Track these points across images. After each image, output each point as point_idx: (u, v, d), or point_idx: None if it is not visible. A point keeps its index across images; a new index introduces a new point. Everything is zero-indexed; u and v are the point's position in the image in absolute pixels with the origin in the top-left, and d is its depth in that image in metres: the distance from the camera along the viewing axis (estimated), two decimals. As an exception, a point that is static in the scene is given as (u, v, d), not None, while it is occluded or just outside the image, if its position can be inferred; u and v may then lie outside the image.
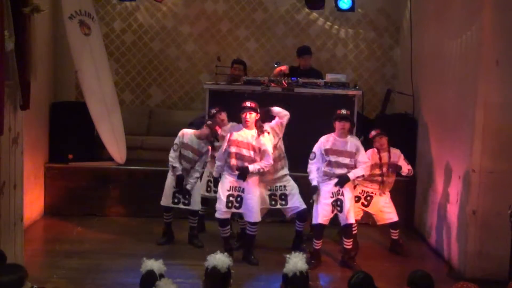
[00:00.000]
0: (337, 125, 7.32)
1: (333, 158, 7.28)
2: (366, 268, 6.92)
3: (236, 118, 7.75)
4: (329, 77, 9.12)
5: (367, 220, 8.35)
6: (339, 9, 10.25)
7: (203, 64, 10.88)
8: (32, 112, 6.95)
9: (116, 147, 9.27)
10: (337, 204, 7.27)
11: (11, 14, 5.62)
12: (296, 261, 4.65)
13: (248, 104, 7.23)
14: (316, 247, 7.39)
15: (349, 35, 10.94)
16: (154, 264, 4.62)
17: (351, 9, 10.21)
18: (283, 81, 8.91)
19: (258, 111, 7.27)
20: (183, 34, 10.89)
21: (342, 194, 7.26)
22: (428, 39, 8.96)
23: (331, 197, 7.26)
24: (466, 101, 7.36)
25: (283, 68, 9.38)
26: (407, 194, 9.03)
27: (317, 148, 7.39)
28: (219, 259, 4.59)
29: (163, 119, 10.55)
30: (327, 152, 7.30)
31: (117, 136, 9.31)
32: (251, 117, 7.21)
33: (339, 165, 7.27)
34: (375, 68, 10.98)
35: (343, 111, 7.35)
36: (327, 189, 7.28)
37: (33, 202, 8.56)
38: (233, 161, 7.25)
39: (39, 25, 7.02)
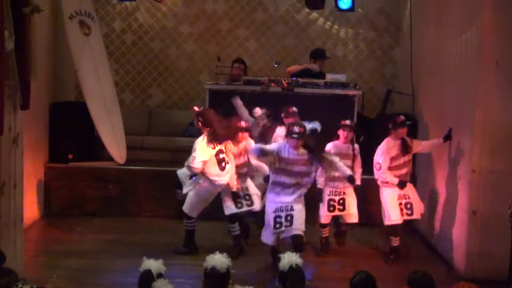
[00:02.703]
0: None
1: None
2: (366, 268, 6.94)
3: (235, 118, 7.77)
4: (329, 77, 9.13)
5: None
6: (339, 9, 10.24)
7: (203, 64, 10.88)
8: (32, 112, 6.95)
9: (116, 147, 9.27)
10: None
11: (11, 14, 5.62)
12: (291, 256, 4.66)
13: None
14: (394, 244, 7.68)
15: (349, 35, 10.95)
16: (152, 264, 4.62)
17: (351, 9, 10.20)
18: (283, 81, 8.91)
19: None
20: (183, 34, 10.89)
21: None
22: (428, 39, 8.96)
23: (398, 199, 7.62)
24: (466, 101, 7.37)
25: (293, 69, 9.43)
26: (407, 194, 9.03)
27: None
28: (218, 259, 4.58)
29: (163, 119, 10.55)
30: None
31: (117, 136, 9.31)
32: None
33: None
34: (375, 68, 10.98)
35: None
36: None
37: (33, 202, 8.57)
38: None
39: (39, 25, 7.02)
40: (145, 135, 10.32)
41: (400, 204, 7.58)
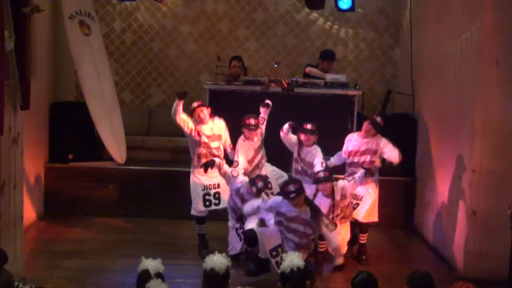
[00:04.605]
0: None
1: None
2: (366, 268, 6.95)
3: (236, 118, 7.76)
4: (329, 77, 9.13)
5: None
6: (339, 9, 10.23)
7: (203, 64, 10.88)
8: (32, 112, 6.94)
9: (116, 147, 9.27)
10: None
11: (11, 14, 5.62)
12: (292, 258, 4.66)
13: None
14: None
15: (349, 35, 10.94)
16: (150, 264, 4.61)
17: (351, 9, 10.19)
18: (283, 81, 8.91)
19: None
20: (183, 34, 10.88)
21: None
22: (428, 39, 8.96)
23: None
24: (466, 101, 7.37)
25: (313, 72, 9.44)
26: (407, 194, 9.04)
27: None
28: (217, 260, 4.57)
29: (163, 119, 10.50)
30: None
31: (117, 136, 9.31)
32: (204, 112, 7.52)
33: None
34: (375, 68, 10.97)
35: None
36: None
37: (33, 202, 8.57)
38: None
39: (39, 25, 7.03)
40: (145, 135, 10.31)
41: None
